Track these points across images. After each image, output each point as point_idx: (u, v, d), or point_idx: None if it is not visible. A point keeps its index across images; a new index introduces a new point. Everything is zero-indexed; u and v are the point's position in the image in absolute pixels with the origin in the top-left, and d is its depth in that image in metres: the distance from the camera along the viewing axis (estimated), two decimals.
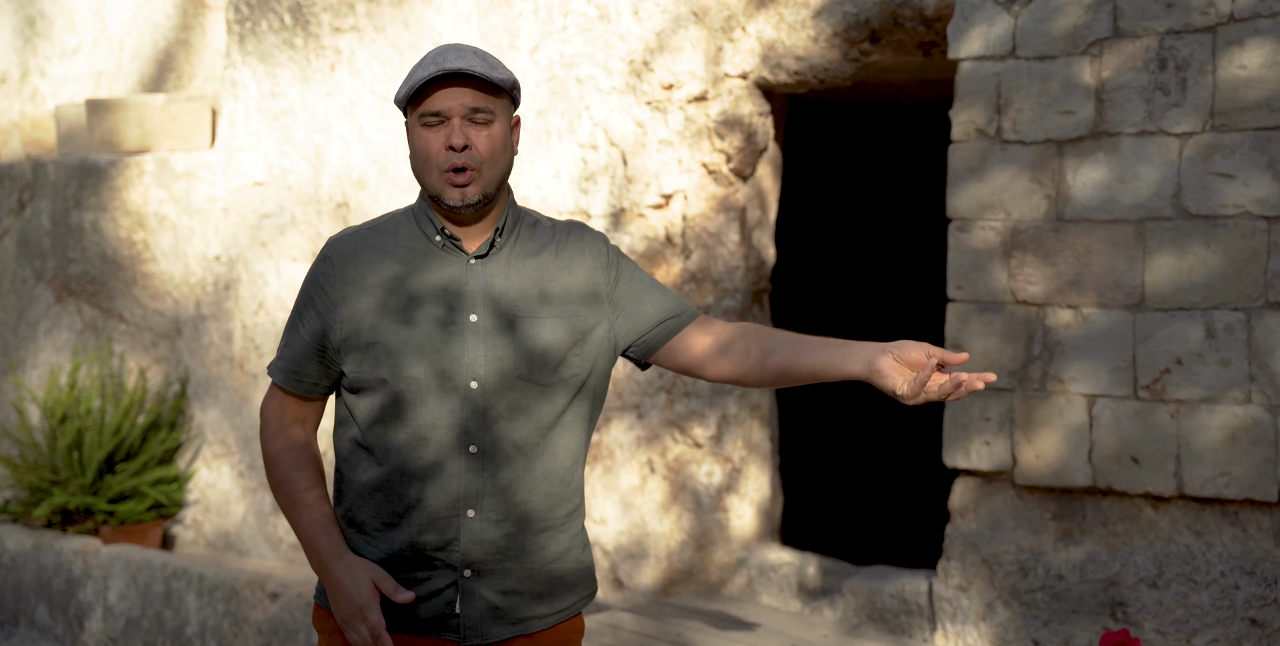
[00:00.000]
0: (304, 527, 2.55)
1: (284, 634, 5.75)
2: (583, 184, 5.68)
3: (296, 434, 2.63)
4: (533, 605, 2.58)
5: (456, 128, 2.49)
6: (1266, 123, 4.17)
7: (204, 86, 7.80)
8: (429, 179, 2.52)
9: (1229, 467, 4.23)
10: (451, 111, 2.49)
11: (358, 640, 2.45)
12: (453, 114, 2.49)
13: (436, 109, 2.49)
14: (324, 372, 2.59)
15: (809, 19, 5.11)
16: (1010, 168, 4.60)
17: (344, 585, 2.47)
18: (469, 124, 2.50)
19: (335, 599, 2.48)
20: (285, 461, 2.60)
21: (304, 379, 2.60)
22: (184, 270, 6.88)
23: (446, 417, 2.51)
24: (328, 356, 2.57)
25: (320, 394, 2.64)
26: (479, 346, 2.52)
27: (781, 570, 5.21)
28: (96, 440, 6.63)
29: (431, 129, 2.51)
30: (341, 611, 2.47)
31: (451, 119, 2.49)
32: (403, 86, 2.53)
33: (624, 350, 2.67)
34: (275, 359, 2.65)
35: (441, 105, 2.49)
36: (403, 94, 2.52)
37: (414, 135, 2.53)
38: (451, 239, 2.56)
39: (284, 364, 2.62)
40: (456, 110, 2.49)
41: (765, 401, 5.51)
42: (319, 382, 2.61)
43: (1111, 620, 4.45)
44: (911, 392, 2.40)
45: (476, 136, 2.50)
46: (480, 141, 2.50)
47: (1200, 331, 4.27)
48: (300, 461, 2.60)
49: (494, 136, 2.52)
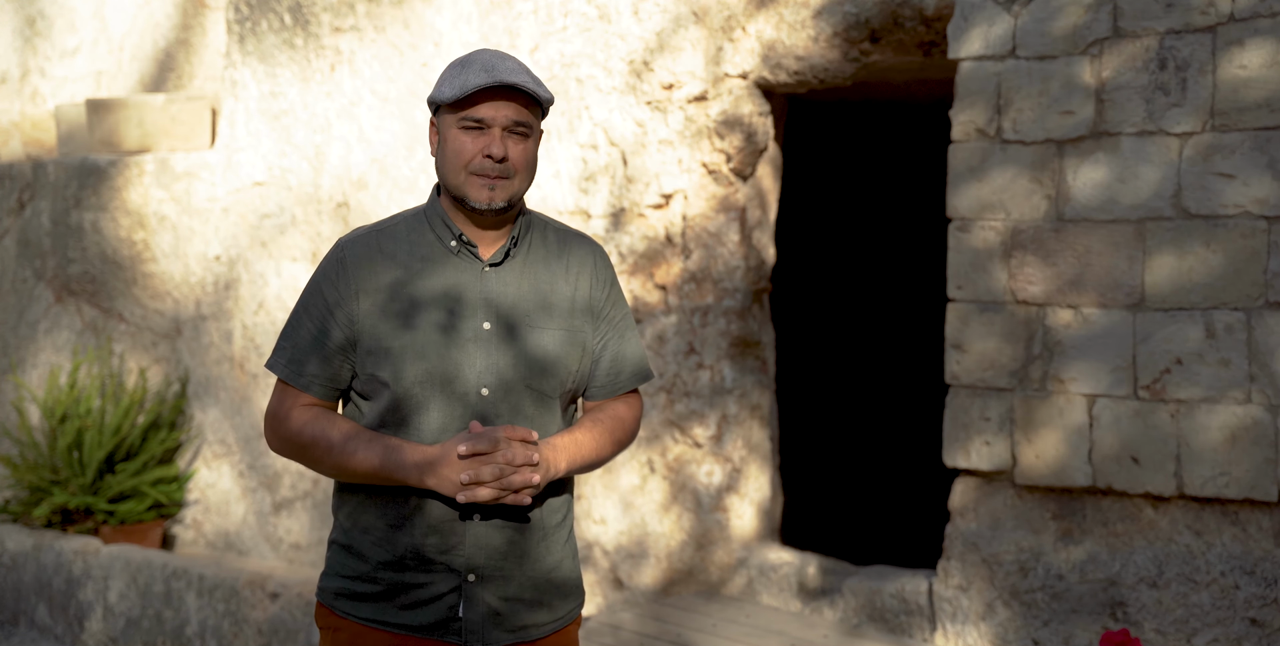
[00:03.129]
0: (369, 466, 2.51)
1: (284, 634, 5.75)
2: (583, 184, 5.68)
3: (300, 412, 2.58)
4: (531, 612, 2.60)
5: (497, 138, 2.52)
6: (1266, 123, 4.17)
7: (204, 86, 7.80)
8: (457, 179, 2.54)
9: (1229, 467, 4.23)
10: (495, 121, 2.52)
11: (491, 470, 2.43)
12: (496, 124, 2.53)
13: (482, 116, 2.52)
14: (324, 368, 2.57)
15: (809, 19, 5.11)
16: (1010, 168, 4.60)
17: (441, 471, 2.45)
18: (508, 135, 2.54)
19: (445, 479, 2.46)
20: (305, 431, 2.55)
21: (305, 372, 2.57)
22: (184, 270, 6.87)
23: (455, 426, 2.52)
24: (330, 353, 2.56)
25: (322, 393, 2.60)
26: (490, 355, 2.54)
27: (781, 570, 5.21)
28: (96, 440, 6.63)
29: (470, 133, 2.53)
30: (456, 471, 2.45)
31: (493, 128, 2.53)
32: (449, 87, 2.53)
33: None
34: (275, 356, 2.62)
35: (487, 114, 2.52)
36: (450, 96, 2.52)
37: (449, 135, 2.55)
38: (468, 245, 2.57)
39: (287, 357, 2.59)
40: (500, 121, 2.52)
41: (765, 401, 5.51)
42: (318, 376, 2.57)
43: (1111, 620, 4.45)
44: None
45: (513, 149, 2.54)
46: (516, 154, 2.54)
47: (1200, 331, 4.27)
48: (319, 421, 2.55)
49: (528, 150, 2.57)
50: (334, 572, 2.61)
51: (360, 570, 2.56)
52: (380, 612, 2.55)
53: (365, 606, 2.56)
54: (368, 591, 2.56)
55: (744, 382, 5.45)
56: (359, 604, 2.57)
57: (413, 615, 2.54)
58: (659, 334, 5.49)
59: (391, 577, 2.54)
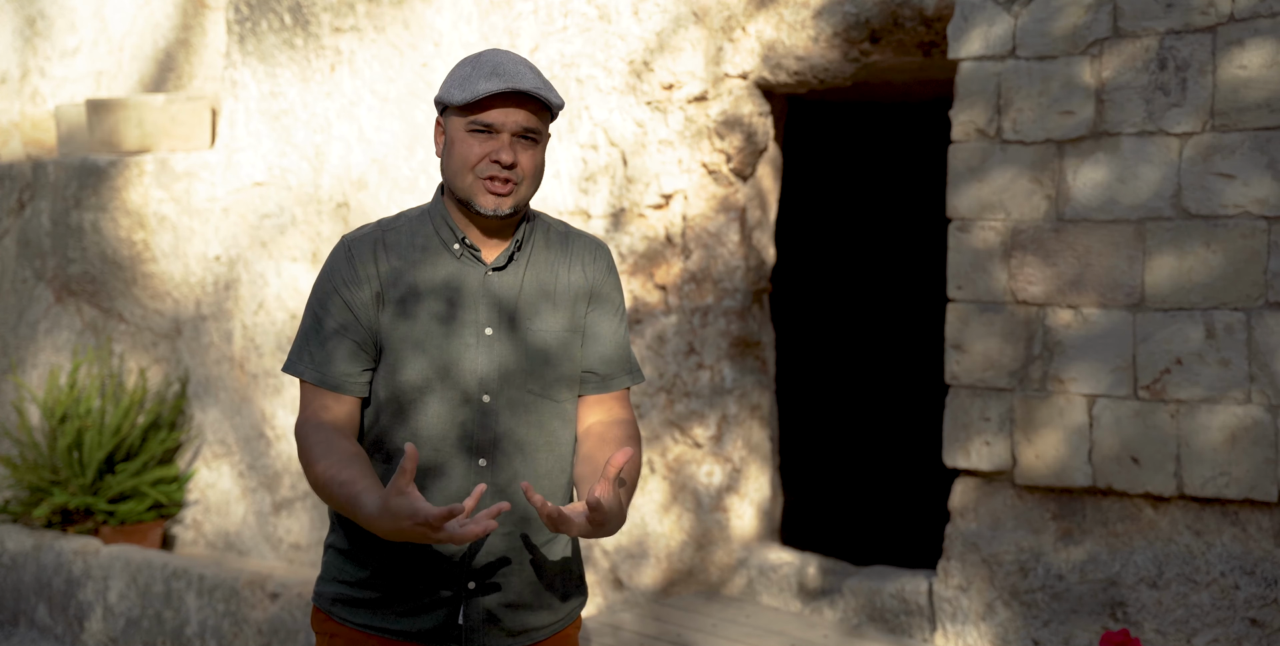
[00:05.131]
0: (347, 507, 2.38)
1: (284, 634, 5.75)
2: (583, 184, 5.68)
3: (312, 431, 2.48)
4: (532, 616, 2.58)
5: (506, 143, 2.49)
6: (1266, 123, 4.17)
7: (204, 86, 7.80)
8: (464, 182, 2.51)
9: (1229, 467, 4.23)
10: (505, 127, 2.49)
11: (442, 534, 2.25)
12: (505, 130, 2.49)
13: (491, 122, 2.48)
14: (353, 363, 2.50)
15: (809, 19, 5.11)
16: (1010, 168, 4.60)
17: (386, 526, 2.28)
18: (517, 140, 2.50)
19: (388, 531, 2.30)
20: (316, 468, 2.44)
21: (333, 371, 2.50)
22: (184, 270, 6.87)
23: (455, 428, 2.50)
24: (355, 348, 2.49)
25: (356, 389, 2.52)
26: (492, 358, 2.51)
27: (782, 570, 5.21)
28: (96, 440, 6.63)
29: (478, 136, 2.50)
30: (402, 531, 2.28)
31: (503, 134, 2.49)
32: (459, 89, 2.49)
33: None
34: (296, 360, 2.53)
35: (497, 120, 2.48)
36: (462, 99, 2.48)
37: (457, 137, 2.51)
38: (471, 248, 2.55)
39: (314, 361, 2.51)
40: (510, 127, 2.49)
41: (765, 401, 5.51)
42: (350, 373, 2.50)
43: (1111, 620, 4.45)
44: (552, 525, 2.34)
45: (522, 155, 2.50)
46: (525, 160, 2.50)
47: (1200, 331, 4.27)
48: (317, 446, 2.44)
49: (536, 157, 2.53)
50: (331, 577, 2.58)
51: (358, 575, 2.54)
52: (378, 619, 2.53)
53: (362, 612, 2.54)
54: (365, 597, 2.53)
55: (744, 383, 5.45)
56: (356, 610, 2.54)
57: (411, 621, 2.52)
58: (659, 334, 5.49)
59: (390, 583, 2.52)
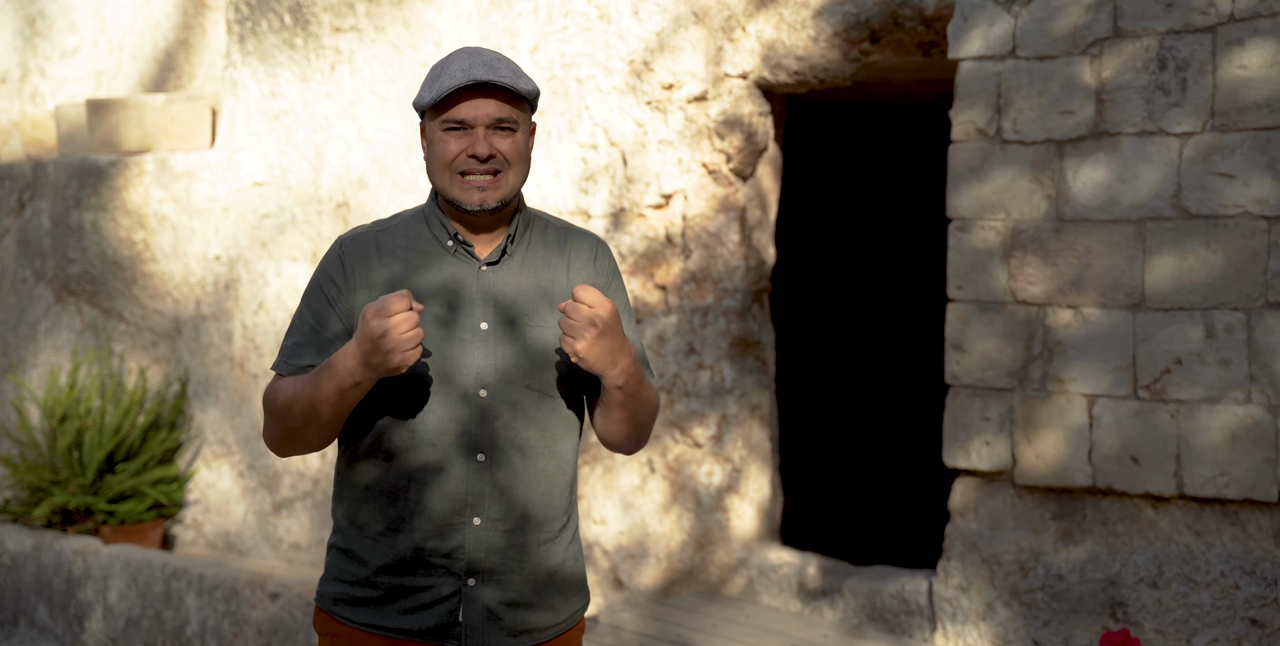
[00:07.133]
0: (313, 388, 2.44)
1: (284, 634, 5.75)
2: (583, 184, 5.68)
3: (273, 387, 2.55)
4: (534, 616, 2.58)
5: (481, 137, 2.49)
6: (1266, 123, 4.17)
7: (204, 86, 7.80)
8: (444, 182, 2.52)
9: (1229, 467, 4.23)
10: (476, 121, 2.49)
11: (400, 325, 2.32)
12: (477, 124, 2.49)
13: (462, 118, 2.49)
14: (320, 358, 2.53)
15: (809, 19, 5.11)
16: (1010, 168, 4.60)
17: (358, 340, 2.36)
18: (493, 132, 2.51)
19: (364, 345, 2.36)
20: (280, 396, 2.50)
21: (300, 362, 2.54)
22: (184, 270, 6.87)
23: (454, 425, 2.50)
24: (326, 343, 2.53)
25: None
26: (489, 355, 2.52)
27: (782, 570, 5.21)
28: (96, 440, 6.63)
29: (452, 134, 2.51)
30: (373, 339, 2.34)
31: (475, 128, 2.50)
32: (427, 90, 2.52)
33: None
34: (277, 355, 2.60)
35: (467, 115, 2.49)
36: (428, 100, 2.50)
37: (434, 139, 2.53)
38: (463, 245, 2.55)
39: (285, 353, 2.57)
40: (481, 120, 2.49)
41: (765, 401, 5.51)
42: (313, 365, 2.53)
43: (1111, 620, 4.45)
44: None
45: (501, 144, 2.51)
46: (505, 147, 2.51)
47: (1200, 331, 4.27)
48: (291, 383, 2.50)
49: (517, 143, 2.53)
50: (332, 577, 2.59)
51: (359, 574, 2.54)
52: (379, 617, 2.53)
53: (364, 611, 2.54)
54: (367, 596, 2.54)
55: (744, 383, 5.45)
56: (358, 609, 2.55)
57: (412, 619, 2.52)
58: (659, 334, 5.49)
59: (391, 581, 2.52)
